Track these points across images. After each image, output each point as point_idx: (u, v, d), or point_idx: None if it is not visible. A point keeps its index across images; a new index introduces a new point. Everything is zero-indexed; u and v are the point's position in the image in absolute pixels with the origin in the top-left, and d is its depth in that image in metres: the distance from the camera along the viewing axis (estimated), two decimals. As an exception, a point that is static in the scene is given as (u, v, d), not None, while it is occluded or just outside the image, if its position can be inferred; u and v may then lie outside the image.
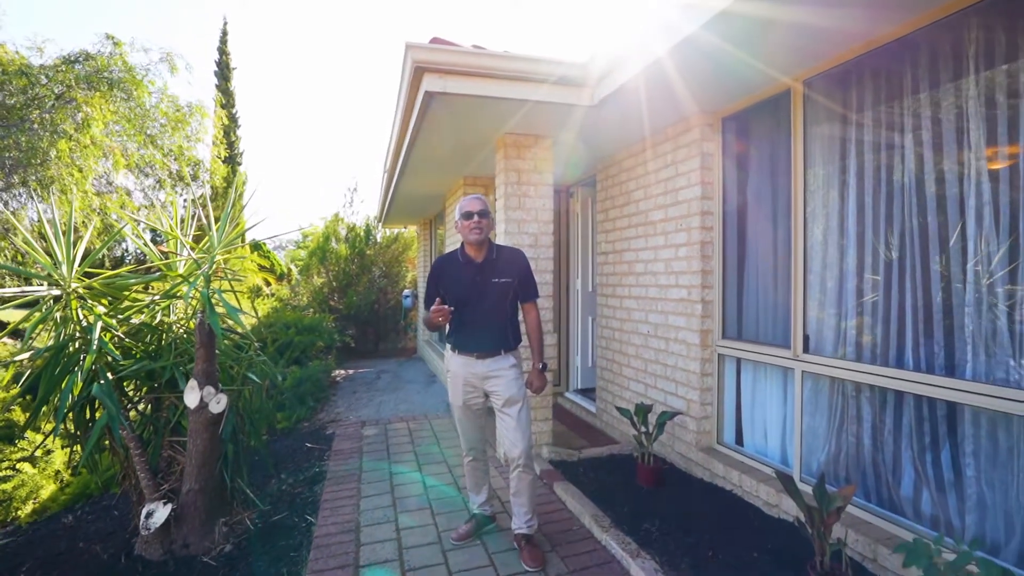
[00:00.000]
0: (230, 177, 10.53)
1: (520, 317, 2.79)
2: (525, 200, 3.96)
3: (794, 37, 2.42)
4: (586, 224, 5.71)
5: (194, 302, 3.44)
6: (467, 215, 2.56)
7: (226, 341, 3.93)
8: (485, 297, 2.60)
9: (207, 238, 3.26)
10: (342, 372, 8.37)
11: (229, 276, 3.61)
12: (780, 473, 2.24)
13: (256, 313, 7.59)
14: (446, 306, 2.46)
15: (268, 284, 15.34)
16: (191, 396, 2.94)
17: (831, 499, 2.15)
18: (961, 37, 2.18)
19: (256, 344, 3.75)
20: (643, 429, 3.42)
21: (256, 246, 22.50)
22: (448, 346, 2.75)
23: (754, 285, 3.28)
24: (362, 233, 11.32)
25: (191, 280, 3.04)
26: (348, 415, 5.68)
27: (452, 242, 6.36)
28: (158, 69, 7.55)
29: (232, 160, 14.33)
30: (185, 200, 10.78)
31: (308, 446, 4.65)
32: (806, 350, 2.82)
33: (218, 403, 3.00)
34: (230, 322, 3.50)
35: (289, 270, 21.46)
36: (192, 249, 3.32)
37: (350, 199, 12.02)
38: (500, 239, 4.00)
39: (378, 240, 11.50)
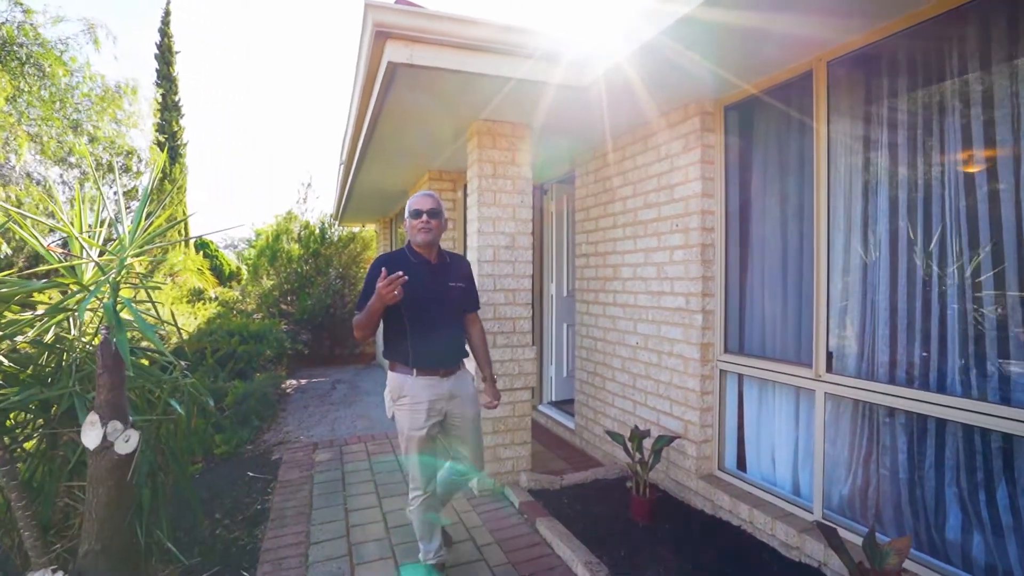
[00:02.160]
0: (169, 169, 9.61)
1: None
2: (501, 196, 3.51)
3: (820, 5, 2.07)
4: (562, 224, 5.31)
5: (91, 318, 2.83)
6: (415, 213, 2.31)
7: (145, 361, 3.31)
8: (446, 302, 2.37)
9: (120, 238, 2.66)
10: (293, 383, 7.68)
11: (148, 283, 3.00)
12: (823, 525, 1.87)
13: (196, 320, 6.83)
14: (399, 272, 2.01)
15: (215, 285, 14.31)
16: (91, 434, 2.35)
17: (883, 554, 1.79)
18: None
19: (183, 363, 3.16)
20: (638, 456, 3.02)
21: (202, 245, 21.27)
22: (398, 365, 2.33)
23: (763, 294, 2.94)
24: (317, 232, 10.59)
25: (91, 288, 2.44)
26: (299, 435, 5.07)
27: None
28: (79, 43, 6.68)
29: (174, 151, 13.24)
30: (116, 194, 9.80)
31: (250, 475, 4.05)
32: (829, 369, 2.48)
33: (127, 441, 2.41)
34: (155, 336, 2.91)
35: (239, 271, 20.34)
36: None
37: (304, 195, 11.18)
38: (473, 239, 3.54)
39: (334, 239, 10.78)
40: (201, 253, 16.03)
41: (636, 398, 3.66)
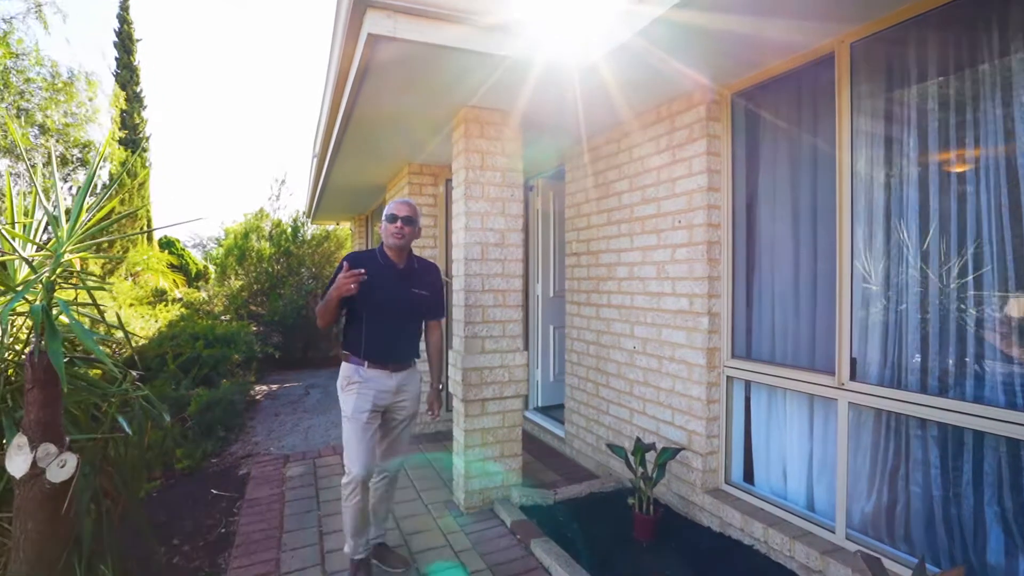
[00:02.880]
0: (130, 164, 9.05)
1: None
2: (489, 189, 3.25)
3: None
4: (548, 221, 5.07)
5: (22, 323, 2.49)
6: (391, 218, 2.42)
7: (97, 371, 2.96)
8: (406, 306, 2.47)
9: (56, 237, 2.32)
10: (264, 388, 7.28)
11: (93, 283, 2.65)
12: (867, 557, 1.66)
13: (157, 322, 6.39)
14: (360, 270, 2.18)
15: (180, 285, 13.67)
16: (17, 460, 2.02)
17: (932, 588, 1.60)
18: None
19: (136, 373, 2.82)
20: (640, 470, 2.80)
21: (168, 244, 20.45)
22: (351, 356, 2.45)
23: (774, 296, 2.75)
24: (289, 230, 10.15)
25: (19, 289, 2.10)
26: (268, 446, 4.72)
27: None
28: (27, 24, 6.16)
29: (135, 144, 12.57)
30: (71, 189, 9.21)
31: (214, 493, 3.70)
32: (853, 376, 2.29)
33: (62, 466, 2.08)
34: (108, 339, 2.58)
35: (207, 270, 19.58)
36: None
37: (277, 192, 10.72)
38: (459, 235, 3.27)
39: (307, 238, 10.35)
40: (167, 252, 15.33)
41: (633, 406, 3.45)
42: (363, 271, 2.18)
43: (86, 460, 2.46)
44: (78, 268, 2.45)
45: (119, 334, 5.35)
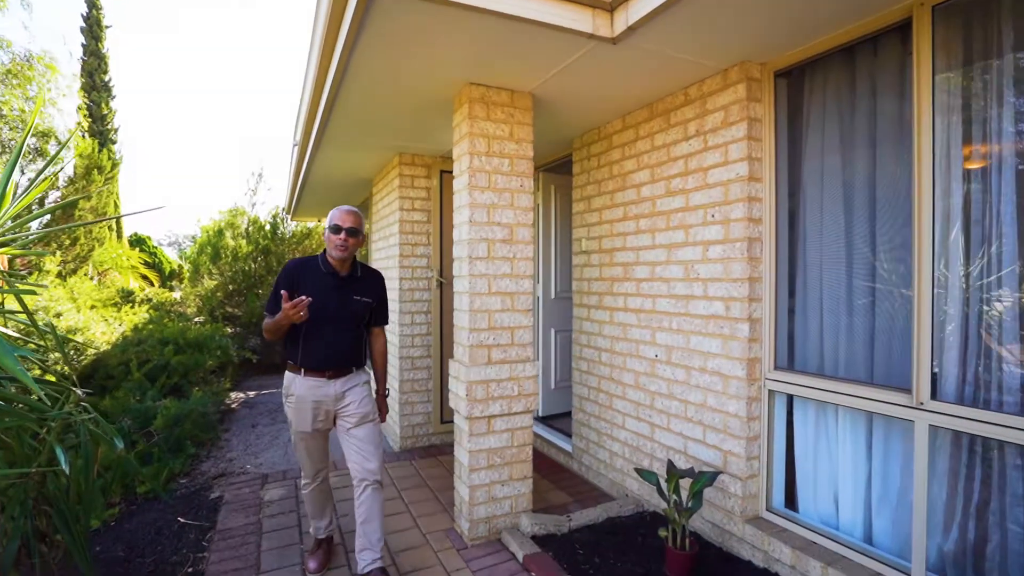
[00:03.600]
0: (96, 156, 8.44)
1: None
2: (497, 178, 2.88)
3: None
4: (550, 217, 4.71)
5: None
6: (335, 229, 2.42)
7: (33, 396, 2.52)
8: (346, 313, 2.49)
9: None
10: (240, 396, 6.80)
11: (24, 283, 2.21)
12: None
13: (121, 326, 5.87)
14: (305, 298, 2.23)
15: (152, 284, 13.02)
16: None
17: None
18: None
19: (80, 392, 2.38)
20: (674, 498, 2.46)
21: (139, 241, 19.67)
22: (290, 364, 2.50)
23: (827, 299, 2.42)
24: (267, 227, 9.63)
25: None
26: (244, 463, 4.28)
27: (381, 236, 5.12)
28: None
29: (102, 135, 11.89)
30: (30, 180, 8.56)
31: (182, 522, 3.26)
32: (934, 395, 1.97)
33: (-24, 517, 1.65)
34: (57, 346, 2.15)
35: (181, 269, 18.88)
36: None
37: (254, 186, 10.15)
38: (463, 230, 2.89)
39: (287, 235, 9.84)
40: (137, 250, 14.62)
41: (655, 420, 3.10)
42: (308, 299, 2.24)
43: (13, 501, 2.03)
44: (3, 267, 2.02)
45: (78, 339, 4.86)
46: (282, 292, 2.25)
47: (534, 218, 4.74)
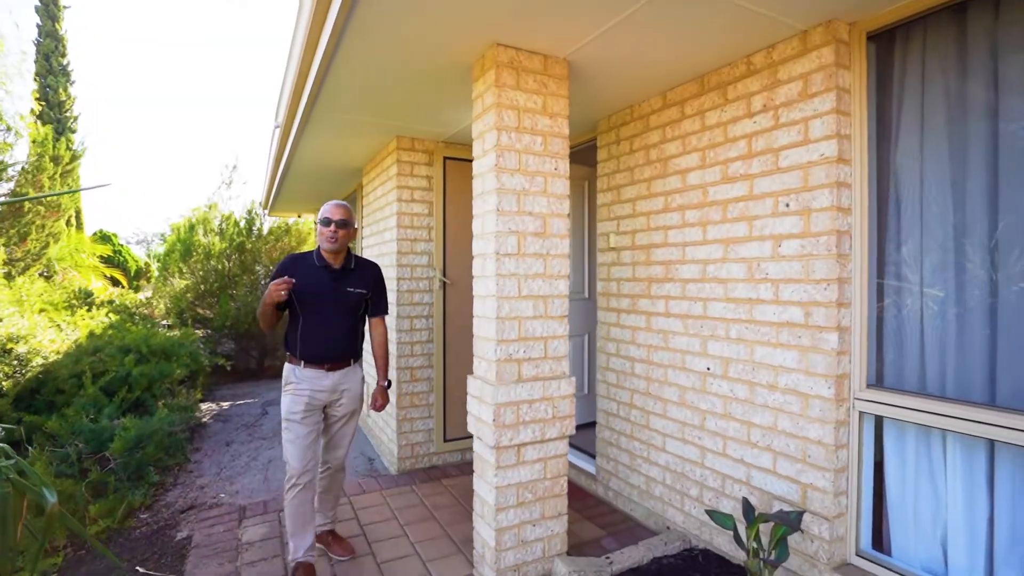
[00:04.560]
0: (50, 144, 7.68)
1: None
2: (528, 159, 2.41)
3: None
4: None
5: None
6: (325, 222, 2.50)
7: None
8: (340, 305, 2.55)
9: None
10: (213, 407, 6.18)
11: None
12: None
13: (75, 332, 5.21)
14: (288, 278, 2.33)
15: (119, 285, 12.15)
16: None
17: None
18: None
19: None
20: (753, 545, 2.02)
21: (104, 238, 18.62)
22: (290, 356, 2.55)
23: (932, 304, 2.02)
24: (241, 222, 8.96)
25: None
26: (218, 491, 3.72)
27: (373, 231, 4.60)
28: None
29: (60, 123, 11.01)
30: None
31: (140, 573, 2.71)
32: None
33: None
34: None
35: (148, 268, 17.92)
36: None
37: (228, 178, 9.44)
38: (488, 222, 2.41)
39: (263, 232, 9.19)
40: (104, 246, 13.67)
41: (706, 444, 2.68)
42: (291, 279, 2.33)
43: None
44: None
45: (20, 348, 4.22)
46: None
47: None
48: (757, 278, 2.42)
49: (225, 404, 6.36)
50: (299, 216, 9.10)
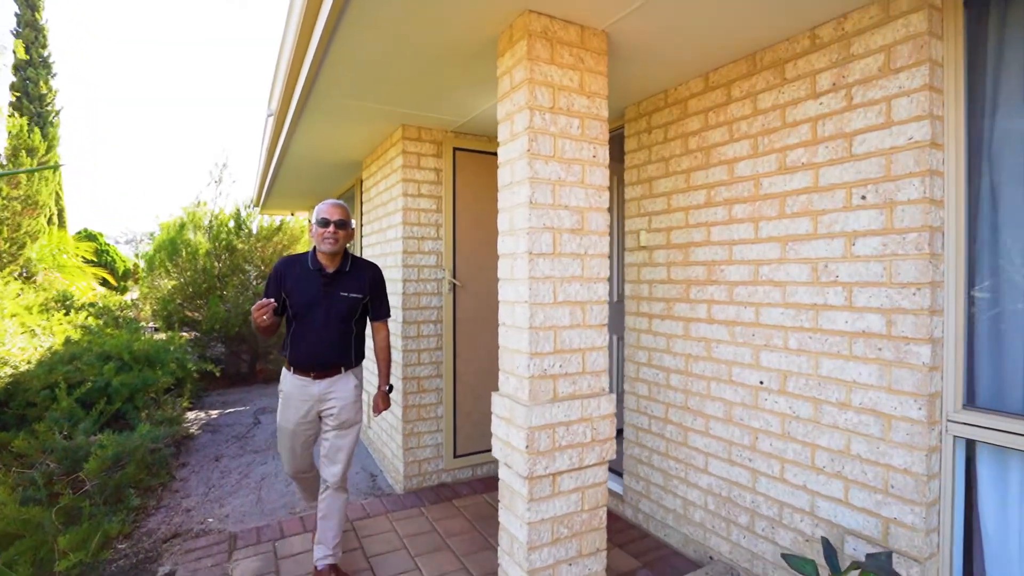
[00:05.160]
0: (25, 135, 7.26)
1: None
2: (564, 144, 2.10)
3: None
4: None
5: None
6: (323, 222, 2.40)
7: None
8: (331, 310, 2.45)
9: None
10: (201, 416, 5.82)
11: None
12: None
13: (51, 338, 4.82)
14: (270, 300, 2.29)
15: (109, 286, 11.70)
16: None
17: None
18: None
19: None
20: (837, 596, 1.73)
21: (89, 237, 18.11)
22: (284, 360, 2.51)
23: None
24: (232, 221, 8.58)
25: None
26: (206, 514, 3.38)
27: (375, 230, 4.28)
28: None
29: (40, 117, 10.55)
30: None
31: (116, 617, 2.37)
32: None
33: None
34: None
35: (136, 269, 17.46)
36: None
37: (218, 176, 9.04)
38: (518, 216, 2.09)
39: (254, 231, 8.80)
40: (87, 245, 13.19)
41: (759, 466, 2.38)
42: (272, 302, 2.27)
43: None
44: None
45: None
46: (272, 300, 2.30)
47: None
48: (824, 281, 2.12)
49: (214, 413, 6.00)
50: (292, 214, 8.73)
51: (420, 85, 2.81)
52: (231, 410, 6.14)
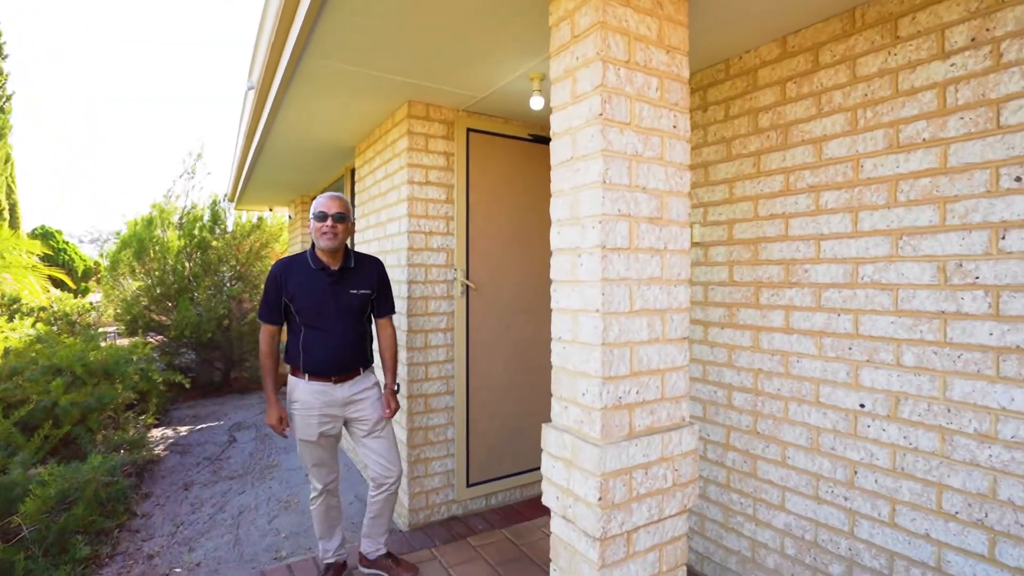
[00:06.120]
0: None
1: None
2: (641, 109, 1.64)
3: None
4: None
5: None
6: (320, 216, 2.28)
7: None
8: (343, 310, 2.34)
9: None
10: (168, 434, 5.20)
11: None
12: None
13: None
14: (284, 424, 2.34)
15: (61, 287, 10.82)
16: None
17: None
18: None
19: None
20: None
21: (45, 235, 17.03)
22: (294, 369, 2.34)
23: None
24: (205, 216, 7.93)
25: None
26: (173, 561, 2.83)
27: (372, 224, 3.77)
28: None
29: (-11, 104, 9.67)
30: None
31: None
32: None
33: None
34: None
35: (98, 267, 16.51)
36: None
37: (191, 167, 8.36)
38: (588, 198, 1.63)
39: (229, 228, 8.15)
40: (42, 244, 12.25)
41: (859, 506, 1.97)
42: (286, 424, 2.33)
43: None
44: None
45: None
46: (279, 422, 2.34)
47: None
48: (957, 284, 1.72)
49: (183, 429, 5.38)
50: (270, 210, 8.10)
51: (439, 48, 2.33)
52: (203, 426, 5.53)
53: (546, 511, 3.24)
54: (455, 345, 3.17)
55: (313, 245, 2.36)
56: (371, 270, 2.46)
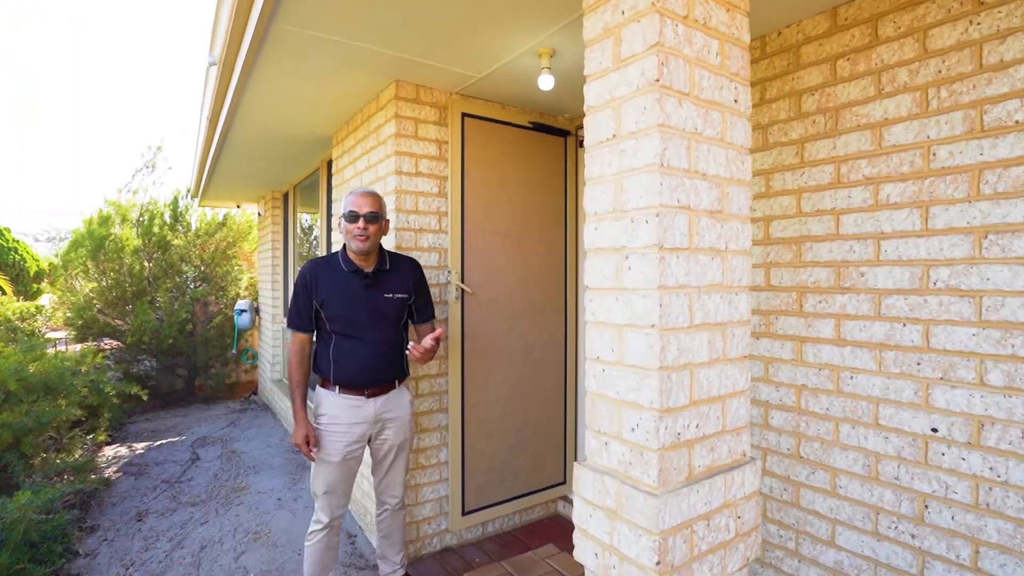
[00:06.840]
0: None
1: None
2: (701, 79, 1.33)
3: None
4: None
5: None
6: (351, 216, 2.10)
7: None
8: (379, 316, 2.16)
9: None
10: (122, 452, 4.71)
11: None
12: None
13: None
14: (314, 448, 2.09)
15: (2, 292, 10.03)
16: None
17: None
18: None
19: None
20: None
21: (-8, 233, 16.06)
22: (323, 381, 2.18)
23: None
24: (166, 213, 7.38)
25: None
26: (120, 614, 2.41)
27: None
28: None
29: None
30: None
31: None
32: None
33: None
34: None
35: (53, 268, 15.58)
36: None
37: (151, 160, 7.78)
38: (648, 184, 1.31)
39: (193, 225, 7.60)
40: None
41: (930, 546, 1.71)
42: (314, 445, 2.10)
43: None
44: None
45: None
46: (308, 441, 2.09)
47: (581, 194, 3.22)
48: (1060, 290, 1.46)
49: (140, 447, 4.89)
50: (238, 206, 7.58)
51: (432, 13, 1.99)
52: (162, 441, 5.04)
53: (549, 539, 2.93)
54: (448, 357, 2.82)
55: (344, 245, 2.20)
56: (408, 272, 2.28)
